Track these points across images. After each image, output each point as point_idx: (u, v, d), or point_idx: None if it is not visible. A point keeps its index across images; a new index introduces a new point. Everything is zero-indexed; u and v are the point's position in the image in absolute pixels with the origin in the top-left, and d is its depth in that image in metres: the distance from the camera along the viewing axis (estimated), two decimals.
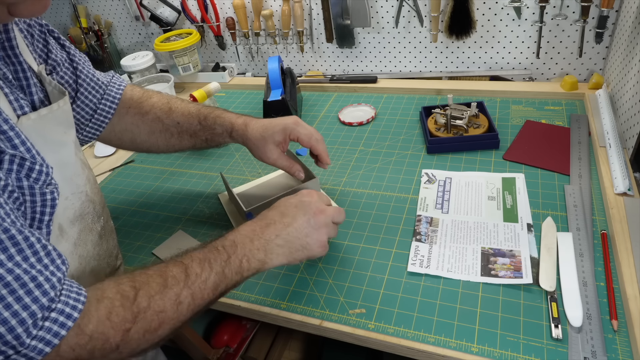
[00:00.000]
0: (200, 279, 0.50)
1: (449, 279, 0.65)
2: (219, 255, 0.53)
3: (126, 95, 0.74)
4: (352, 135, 1.01)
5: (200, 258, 0.52)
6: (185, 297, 0.48)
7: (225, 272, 0.53)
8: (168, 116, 0.74)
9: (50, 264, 0.42)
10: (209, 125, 0.74)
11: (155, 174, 0.99)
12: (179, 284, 0.48)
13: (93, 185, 0.61)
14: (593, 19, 1.00)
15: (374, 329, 0.60)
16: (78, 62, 0.66)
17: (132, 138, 0.75)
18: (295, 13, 1.22)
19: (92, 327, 0.42)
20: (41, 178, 0.45)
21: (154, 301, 0.46)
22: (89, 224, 0.58)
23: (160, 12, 1.37)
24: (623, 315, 0.57)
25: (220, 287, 0.52)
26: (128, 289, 0.45)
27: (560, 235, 0.68)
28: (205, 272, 0.51)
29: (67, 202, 0.54)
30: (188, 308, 0.49)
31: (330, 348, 1.05)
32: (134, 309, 0.44)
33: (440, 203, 0.78)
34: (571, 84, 1.01)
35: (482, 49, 1.14)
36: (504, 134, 0.92)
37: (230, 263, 0.53)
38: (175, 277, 0.49)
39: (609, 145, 0.82)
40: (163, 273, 0.49)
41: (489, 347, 0.56)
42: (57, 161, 0.51)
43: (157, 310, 0.46)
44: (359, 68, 1.29)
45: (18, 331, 0.38)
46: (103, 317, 0.43)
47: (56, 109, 0.52)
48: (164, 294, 0.47)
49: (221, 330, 1.03)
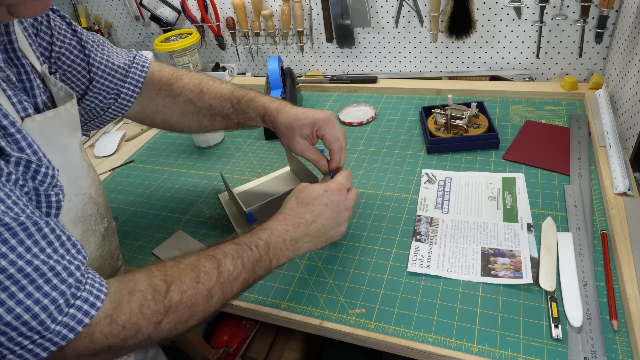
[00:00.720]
0: (232, 275, 0.51)
1: (449, 279, 0.65)
2: (252, 254, 0.54)
3: (154, 76, 0.73)
4: (352, 135, 1.01)
5: (233, 255, 0.53)
6: (216, 292, 0.50)
7: (255, 270, 0.55)
8: (200, 98, 0.73)
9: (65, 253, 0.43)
10: (242, 109, 0.73)
11: (155, 174, 0.99)
12: (211, 279, 0.49)
13: (98, 186, 0.61)
14: (593, 19, 1.00)
15: (374, 329, 0.60)
16: (91, 48, 0.64)
17: (165, 119, 0.75)
18: (295, 13, 1.22)
19: (125, 318, 0.43)
20: (47, 180, 0.46)
21: (186, 296, 0.47)
22: (92, 226, 0.58)
23: (160, 12, 1.37)
24: (623, 315, 0.57)
25: (248, 282, 0.54)
26: (160, 282, 0.46)
27: (560, 235, 0.68)
28: (237, 269, 0.52)
29: (70, 203, 0.54)
30: (217, 301, 0.50)
31: (330, 348, 1.05)
32: (165, 302, 0.45)
33: (440, 203, 0.78)
34: (571, 84, 1.01)
35: (482, 49, 1.14)
36: (504, 134, 0.92)
37: (261, 262, 0.55)
38: (207, 272, 0.50)
39: (609, 145, 0.82)
40: (195, 267, 0.49)
41: (489, 347, 0.56)
42: (62, 163, 0.51)
43: (189, 304, 0.47)
44: (359, 68, 1.29)
45: (42, 317, 0.39)
46: (135, 310, 0.44)
47: (63, 111, 0.52)
48: (196, 289, 0.48)
49: (221, 330, 1.03)
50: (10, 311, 0.38)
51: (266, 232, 0.57)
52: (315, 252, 0.73)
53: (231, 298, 0.52)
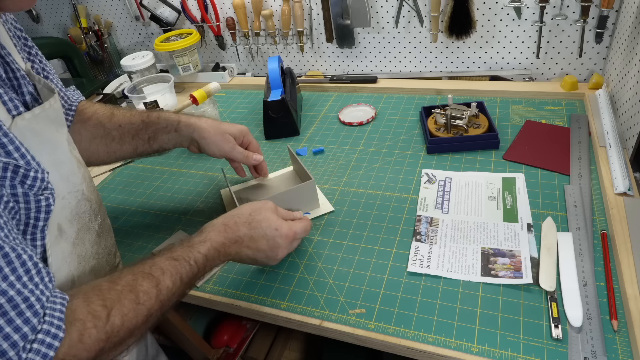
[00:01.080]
0: (170, 292, 0.52)
1: (449, 279, 0.65)
2: (191, 270, 0.55)
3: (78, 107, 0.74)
4: (352, 135, 1.01)
5: (172, 272, 0.53)
6: (156, 310, 0.50)
7: (191, 282, 0.56)
8: (110, 120, 0.74)
9: (40, 282, 0.41)
10: (153, 121, 0.73)
11: (155, 174, 0.99)
12: (150, 299, 0.49)
13: (89, 183, 0.60)
14: (593, 19, 1.00)
15: (374, 329, 0.60)
16: (49, 71, 0.66)
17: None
18: (295, 13, 1.22)
19: (65, 351, 0.41)
20: (36, 184, 0.45)
21: (127, 319, 0.46)
22: (87, 223, 0.58)
23: (160, 12, 1.37)
24: (623, 315, 0.57)
25: (185, 293, 0.56)
26: (99, 308, 0.44)
27: (560, 235, 0.68)
28: (175, 285, 0.52)
29: (64, 201, 0.53)
30: (155, 318, 0.50)
31: (330, 348, 1.05)
32: (107, 328, 0.44)
33: (440, 203, 0.78)
34: (571, 84, 1.01)
35: (482, 49, 1.14)
36: (504, 134, 0.92)
37: (198, 275, 0.57)
38: (147, 292, 0.49)
39: (609, 145, 0.82)
40: (134, 288, 0.48)
41: (489, 347, 0.56)
42: (53, 160, 0.51)
43: (130, 327, 0.46)
44: (359, 68, 1.29)
45: (9, 355, 0.37)
46: (75, 340, 0.42)
47: (48, 107, 0.52)
48: (136, 311, 0.47)
49: (221, 330, 1.03)
50: None
51: (205, 245, 0.58)
52: (315, 252, 0.73)
53: (167, 310, 0.52)
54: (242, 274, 0.72)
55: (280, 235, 0.63)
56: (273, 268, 0.71)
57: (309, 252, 0.73)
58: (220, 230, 0.61)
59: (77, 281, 0.54)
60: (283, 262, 0.72)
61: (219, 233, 0.60)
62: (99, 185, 0.99)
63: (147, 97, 1.08)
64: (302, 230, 0.66)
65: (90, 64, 1.57)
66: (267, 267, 0.71)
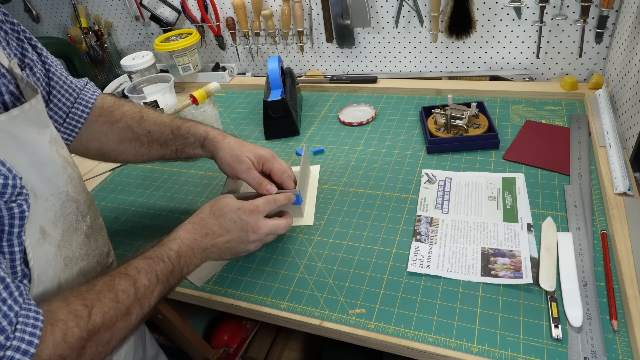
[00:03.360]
0: (148, 290, 0.52)
1: (449, 279, 0.65)
2: (165, 266, 0.55)
3: (97, 104, 0.72)
4: (352, 135, 1.01)
5: (147, 270, 0.53)
6: (135, 309, 0.50)
7: (169, 280, 0.56)
8: (139, 125, 0.73)
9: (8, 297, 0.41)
10: (182, 135, 0.73)
11: (155, 174, 0.99)
12: (129, 297, 0.49)
13: (76, 184, 0.58)
14: (593, 19, 1.00)
15: (374, 329, 0.60)
16: (50, 63, 0.64)
17: (100, 147, 0.73)
18: (295, 13, 1.22)
19: (50, 352, 0.41)
20: (7, 191, 0.42)
21: (107, 317, 0.46)
22: (73, 224, 0.56)
23: (160, 12, 1.37)
24: (623, 315, 0.57)
25: (164, 293, 0.55)
26: (80, 308, 0.45)
27: (560, 235, 0.68)
28: (152, 283, 0.53)
29: (47, 203, 0.52)
30: (136, 318, 0.51)
31: (330, 348, 1.05)
32: (89, 327, 0.44)
33: (440, 203, 0.78)
34: (571, 84, 1.01)
35: (482, 49, 1.14)
36: (504, 134, 0.92)
37: (174, 272, 0.56)
38: (125, 291, 0.49)
39: (609, 145, 0.82)
40: (112, 288, 0.49)
41: (489, 347, 0.56)
42: (33, 162, 0.49)
43: (110, 325, 0.47)
44: (359, 68, 1.29)
45: None
46: (59, 340, 0.42)
47: (28, 108, 0.50)
48: (116, 309, 0.48)
49: (221, 330, 1.03)
50: None
51: (176, 242, 0.59)
52: (315, 252, 0.73)
53: (149, 312, 0.53)
54: (242, 274, 0.72)
55: (245, 211, 0.64)
56: (273, 268, 0.71)
57: (309, 252, 0.73)
58: (188, 229, 0.61)
59: (64, 283, 0.53)
60: (283, 262, 0.72)
61: (188, 231, 0.61)
62: (99, 185, 0.99)
63: (147, 97, 1.08)
64: (264, 202, 0.67)
65: (90, 64, 1.57)
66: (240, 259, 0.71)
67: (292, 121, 1.02)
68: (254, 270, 0.72)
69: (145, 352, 0.79)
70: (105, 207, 0.92)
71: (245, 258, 0.74)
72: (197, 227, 0.62)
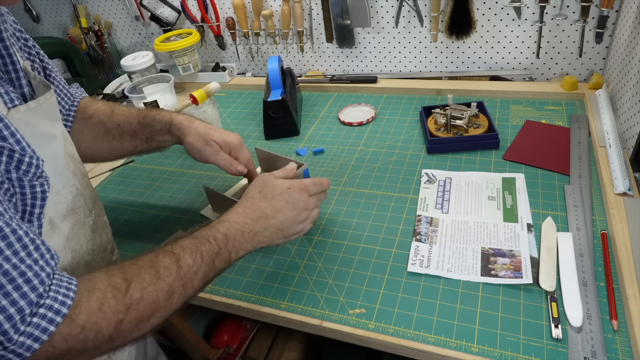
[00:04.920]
0: (192, 270, 0.51)
1: (449, 279, 0.65)
2: (211, 247, 0.54)
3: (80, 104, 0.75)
4: (352, 135, 1.01)
5: (192, 249, 0.53)
6: (177, 287, 0.49)
7: (215, 263, 0.54)
8: (110, 119, 0.74)
9: (39, 258, 0.41)
10: (148, 123, 0.74)
11: (155, 174, 0.99)
12: (171, 275, 0.49)
13: (81, 179, 0.60)
14: (593, 19, 1.00)
15: (374, 329, 0.60)
16: (52, 69, 0.66)
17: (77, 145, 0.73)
18: (295, 13, 1.22)
19: (84, 318, 0.42)
20: (31, 170, 0.45)
21: (146, 292, 0.46)
22: (81, 218, 0.58)
23: (160, 12, 1.37)
24: (623, 315, 0.57)
25: (209, 276, 0.54)
26: (119, 280, 0.45)
27: (560, 235, 0.68)
28: (196, 263, 0.52)
29: (59, 196, 0.53)
30: (179, 297, 0.50)
31: (330, 348, 1.05)
32: (126, 300, 0.45)
33: (440, 203, 0.78)
34: (571, 84, 1.01)
35: (482, 49, 1.14)
36: (504, 134, 0.92)
37: (220, 255, 0.55)
38: (167, 268, 0.49)
39: (609, 145, 0.82)
40: (154, 264, 0.49)
41: (489, 347, 0.56)
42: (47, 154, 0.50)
43: (150, 301, 0.47)
44: (359, 68, 1.29)
45: (5, 327, 0.37)
46: (95, 309, 0.43)
47: (43, 101, 0.52)
48: (156, 285, 0.47)
49: (221, 330, 1.03)
50: None
51: (224, 224, 0.58)
52: (315, 252, 0.73)
53: (193, 293, 0.52)
54: (242, 274, 0.72)
55: (295, 190, 0.63)
56: (273, 268, 0.71)
57: (309, 252, 0.73)
58: (239, 212, 0.60)
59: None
60: (283, 262, 0.72)
61: (238, 214, 0.60)
62: (99, 185, 0.99)
63: (147, 97, 1.08)
64: (312, 183, 0.66)
65: (90, 64, 1.57)
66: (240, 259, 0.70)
67: (292, 121, 1.02)
68: (254, 270, 0.72)
69: (146, 352, 0.79)
70: (105, 207, 0.90)
71: (246, 258, 0.74)
72: (248, 210, 0.61)
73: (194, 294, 0.53)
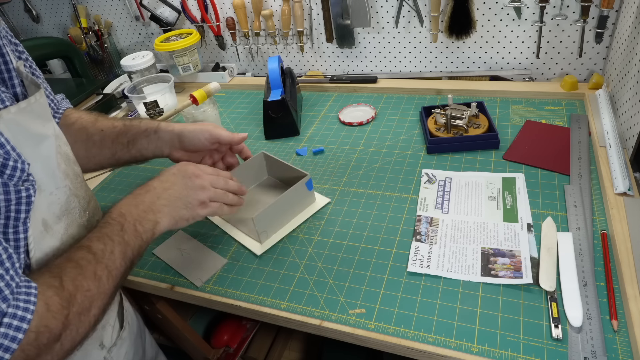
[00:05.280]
0: (106, 252, 0.52)
1: (449, 279, 0.65)
2: (113, 227, 0.55)
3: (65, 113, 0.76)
4: (352, 135, 1.01)
5: (98, 236, 0.54)
6: (102, 271, 0.50)
7: (125, 239, 0.55)
8: (93, 125, 0.75)
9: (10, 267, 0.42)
10: (134, 125, 0.75)
11: (154, 174, 0.99)
12: (90, 262, 0.50)
13: (74, 179, 0.60)
14: (593, 19, 1.00)
15: (374, 329, 0.60)
16: (38, 76, 0.66)
17: None
18: (295, 13, 1.22)
19: (36, 323, 0.42)
20: (16, 174, 0.44)
21: (78, 282, 0.47)
22: (76, 219, 0.58)
23: (160, 12, 1.37)
24: (623, 315, 0.57)
25: (127, 254, 0.55)
26: (50, 279, 0.46)
27: (560, 235, 0.68)
28: (108, 245, 0.53)
29: (53, 197, 0.53)
30: (107, 281, 0.51)
31: (330, 348, 1.05)
32: (65, 294, 0.45)
33: (440, 203, 0.78)
34: (571, 84, 1.01)
35: (482, 49, 1.14)
36: (504, 134, 0.92)
37: (126, 230, 0.56)
38: (83, 257, 0.50)
39: (609, 145, 0.82)
40: (71, 259, 0.50)
41: (489, 347, 0.56)
42: (39, 155, 0.50)
43: (84, 290, 0.48)
44: (359, 68, 1.29)
45: None
46: (43, 310, 0.43)
47: (33, 102, 0.52)
48: (83, 274, 0.48)
49: (221, 330, 1.03)
50: None
51: (117, 205, 0.60)
52: (315, 252, 0.73)
53: (119, 274, 0.53)
54: (242, 274, 0.72)
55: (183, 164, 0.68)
56: (273, 268, 0.71)
57: (309, 252, 0.73)
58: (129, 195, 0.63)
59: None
60: (283, 262, 0.72)
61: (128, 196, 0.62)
62: (99, 185, 0.99)
63: (147, 97, 1.08)
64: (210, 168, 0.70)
65: (90, 64, 1.57)
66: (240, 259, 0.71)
67: (292, 121, 1.02)
68: (254, 270, 0.72)
69: (145, 352, 0.79)
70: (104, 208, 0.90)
71: (246, 258, 0.74)
72: (137, 189, 0.63)
73: (123, 274, 0.54)
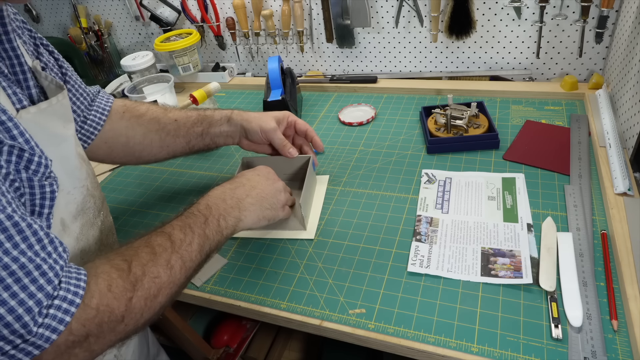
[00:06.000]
0: (185, 243, 0.53)
1: (449, 279, 0.65)
2: (197, 219, 0.57)
3: (118, 104, 0.75)
4: (352, 135, 1.01)
5: (180, 225, 0.55)
6: (176, 261, 0.51)
7: (206, 232, 0.56)
8: (165, 115, 0.76)
9: (53, 251, 0.42)
10: (208, 115, 0.77)
11: (155, 174, 0.99)
12: (166, 250, 0.51)
13: (92, 179, 0.61)
14: (593, 19, 1.00)
15: (374, 329, 0.60)
16: (67, 68, 0.66)
17: (126, 142, 0.75)
18: (295, 13, 1.22)
19: (97, 301, 0.43)
20: (40, 170, 0.45)
21: (147, 268, 0.48)
22: (91, 219, 0.58)
23: (160, 12, 1.37)
24: (623, 315, 0.57)
25: (204, 247, 0.56)
26: (120, 262, 0.47)
27: (560, 235, 0.68)
28: (188, 236, 0.54)
29: (70, 196, 0.54)
30: (180, 271, 0.51)
31: (330, 348, 1.05)
32: (131, 278, 0.46)
33: (440, 203, 0.78)
34: (571, 84, 1.01)
35: (482, 49, 1.14)
36: (504, 134, 0.92)
37: (209, 224, 0.57)
38: (161, 245, 0.51)
39: (609, 145, 0.82)
40: (149, 244, 0.51)
41: (489, 347, 0.56)
42: (58, 155, 0.51)
43: (153, 276, 0.48)
44: (359, 68, 1.29)
45: (25, 319, 0.38)
46: (104, 290, 0.44)
47: (55, 102, 0.52)
48: (155, 261, 0.49)
49: (221, 330, 1.03)
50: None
51: (204, 197, 0.62)
52: (315, 252, 0.73)
53: (193, 266, 0.54)
54: (242, 274, 0.72)
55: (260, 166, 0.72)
56: (273, 268, 0.71)
57: (309, 252, 0.73)
58: (218, 186, 0.64)
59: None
60: (283, 262, 0.72)
61: (217, 187, 0.64)
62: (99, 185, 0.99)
63: (147, 97, 1.08)
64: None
65: (90, 64, 1.57)
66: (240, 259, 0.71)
67: None
68: (254, 270, 0.72)
69: (148, 350, 0.79)
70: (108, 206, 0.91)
71: (246, 258, 0.74)
72: (227, 184, 0.66)
73: (196, 267, 0.54)
